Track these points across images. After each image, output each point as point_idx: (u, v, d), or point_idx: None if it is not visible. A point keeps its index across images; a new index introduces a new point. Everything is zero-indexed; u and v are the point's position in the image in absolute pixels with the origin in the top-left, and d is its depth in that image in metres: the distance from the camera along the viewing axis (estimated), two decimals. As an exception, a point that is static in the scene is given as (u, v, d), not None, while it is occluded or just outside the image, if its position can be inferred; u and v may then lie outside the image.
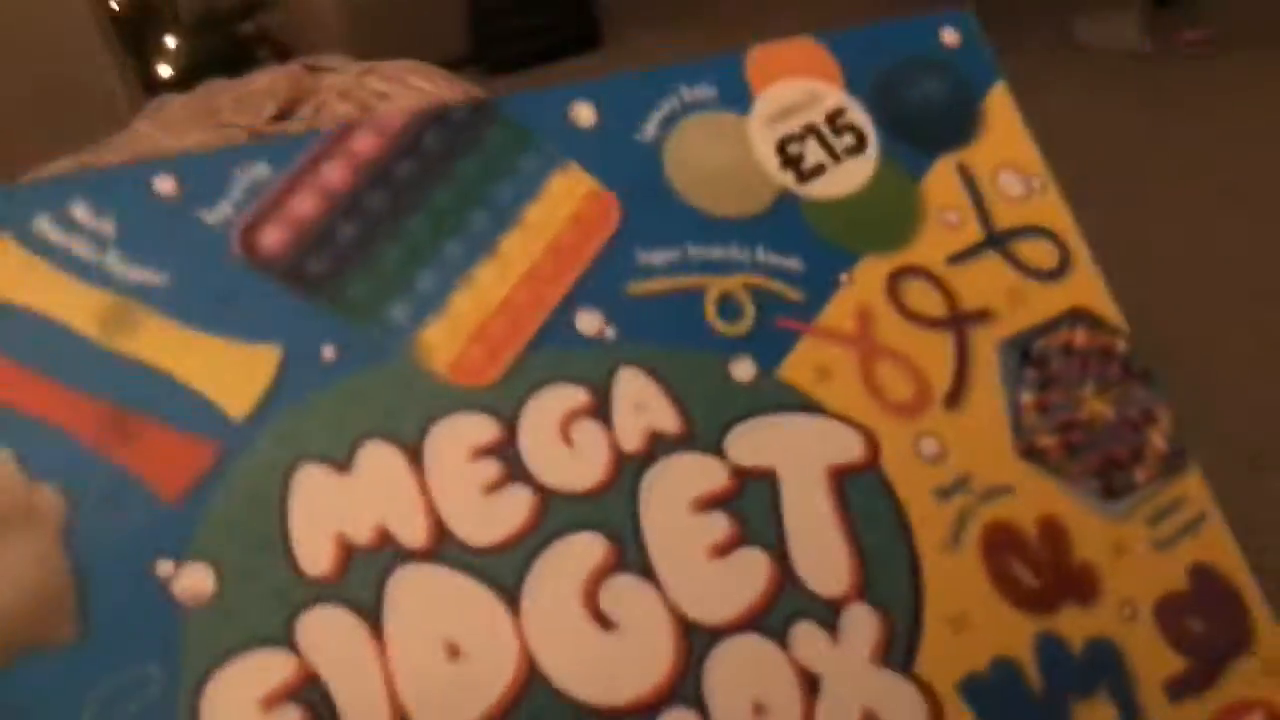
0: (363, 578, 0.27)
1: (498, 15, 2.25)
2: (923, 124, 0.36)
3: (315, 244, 0.30)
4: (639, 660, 0.28)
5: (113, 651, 0.25)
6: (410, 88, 0.47)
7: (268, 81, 0.46)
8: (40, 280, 0.28)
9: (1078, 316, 0.35)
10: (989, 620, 0.30)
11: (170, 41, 1.83)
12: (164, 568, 0.26)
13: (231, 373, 0.28)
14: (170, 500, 0.27)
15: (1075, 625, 0.31)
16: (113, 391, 0.27)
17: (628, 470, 0.30)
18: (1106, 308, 0.35)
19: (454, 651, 0.27)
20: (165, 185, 0.30)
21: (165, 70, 1.79)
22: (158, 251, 0.29)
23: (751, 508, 0.30)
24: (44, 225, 0.29)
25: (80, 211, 0.29)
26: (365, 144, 0.32)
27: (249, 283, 0.29)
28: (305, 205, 0.31)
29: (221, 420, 0.28)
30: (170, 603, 0.26)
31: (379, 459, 0.28)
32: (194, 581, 0.26)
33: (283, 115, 0.43)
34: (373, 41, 0.49)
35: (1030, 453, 0.33)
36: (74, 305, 0.28)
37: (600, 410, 0.30)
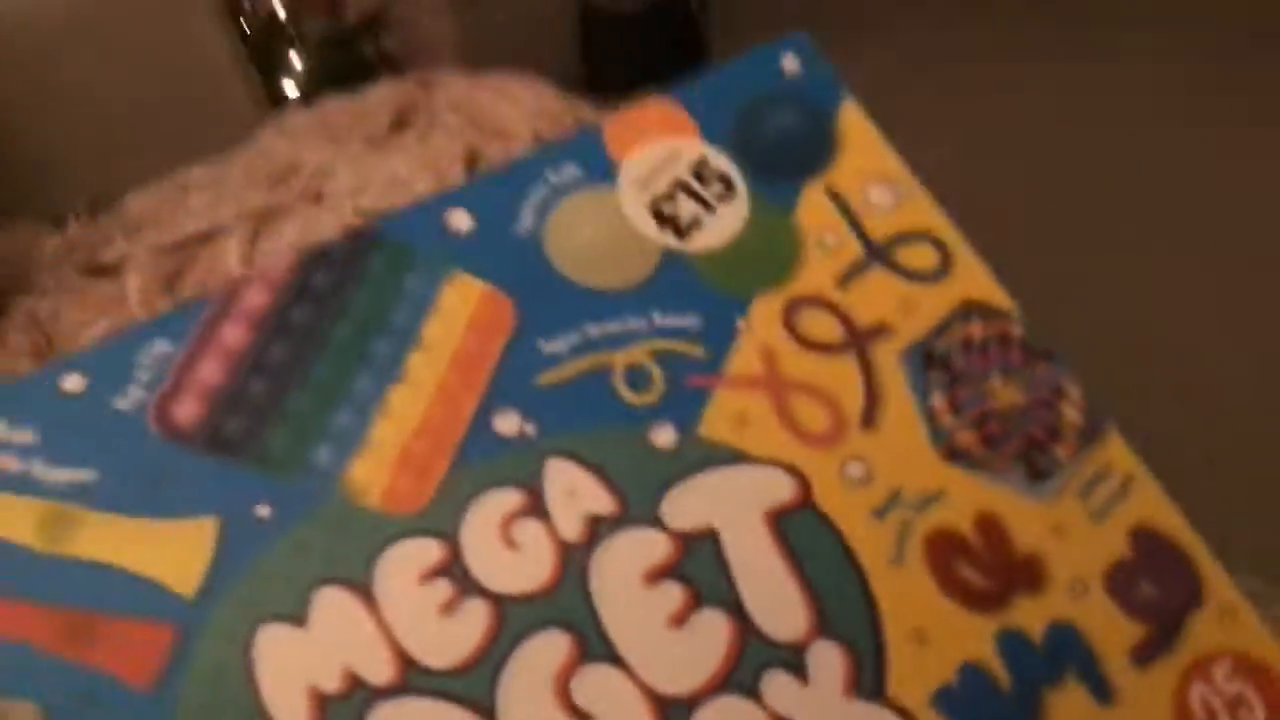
0: (339, 724, 0.29)
1: (610, 38, 2.29)
2: (782, 157, 0.39)
3: (228, 407, 0.32)
4: (621, 742, 0.30)
5: None
6: (518, 99, 0.51)
7: (382, 95, 0.51)
8: (-34, 508, 0.29)
9: (969, 310, 0.38)
10: (948, 629, 0.32)
11: (296, 61, 1.91)
12: (146, 762, 0.28)
13: (174, 553, 0.30)
14: (144, 689, 0.28)
15: (1031, 615, 0.33)
16: (65, 596, 0.29)
17: (574, 560, 0.32)
18: (995, 295, 0.38)
19: (441, 778, 0.29)
20: (72, 383, 0.31)
21: (291, 88, 1.85)
22: (80, 449, 0.31)
23: (700, 570, 0.32)
24: (-43, 452, 0.30)
25: (-5, 429, 0.30)
26: (257, 299, 0.34)
27: (173, 459, 0.31)
28: (211, 372, 0.32)
29: (175, 601, 0.29)
30: (158, 795, 0.27)
31: (333, 605, 0.30)
32: (177, 768, 0.28)
33: (398, 126, 0.48)
34: (486, 63, 0.54)
35: (952, 454, 0.35)
36: (10, 520, 0.29)
37: (536, 507, 0.32)
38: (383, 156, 0.47)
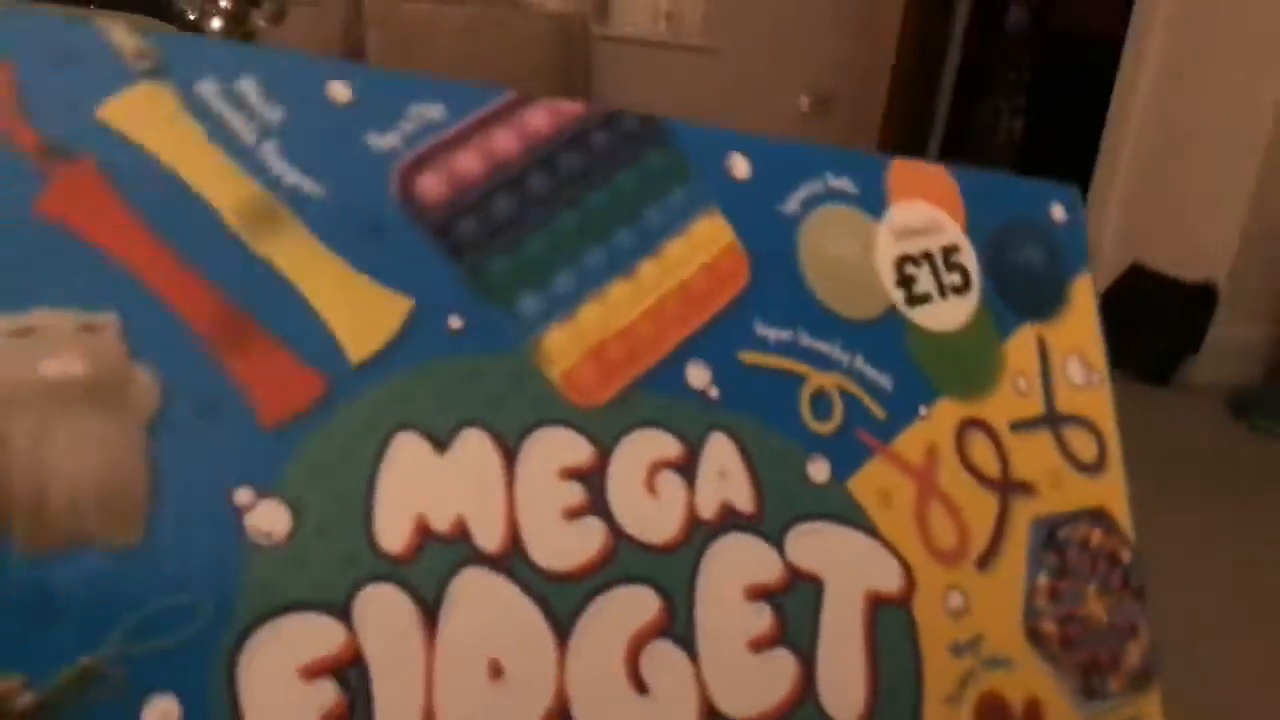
0: (432, 567, 0.27)
1: None
2: (1021, 286, 0.39)
3: (472, 207, 0.30)
4: (662, 729, 0.28)
5: (170, 570, 0.24)
6: None
7: None
8: (192, 146, 0.26)
9: (1099, 516, 0.38)
10: (964, 781, 0.32)
11: None
12: (243, 496, 0.25)
13: (361, 313, 0.27)
14: (267, 427, 0.26)
15: (1031, 806, 0.33)
16: (240, 291, 0.26)
17: (697, 536, 0.30)
18: (1124, 515, 0.38)
19: (497, 671, 0.27)
20: (340, 92, 0.29)
21: None
22: (317, 158, 0.28)
23: (795, 608, 0.31)
24: (208, 90, 0.27)
25: (249, 89, 0.27)
26: (538, 121, 0.31)
27: (399, 223, 0.29)
28: (470, 164, 0.30)
29: (340, 360, 0.27)
30: (241, 535, 0.25)
31: (476, 449, 0.28)
32: (270, 519, 0.25)
33: None
34: None
35: (1034, 635, 0.35)
36: (221, 185, 0.27)
37: (687, 467, 0.31)
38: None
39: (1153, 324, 2.07)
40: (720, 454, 0.31)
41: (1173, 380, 2.19)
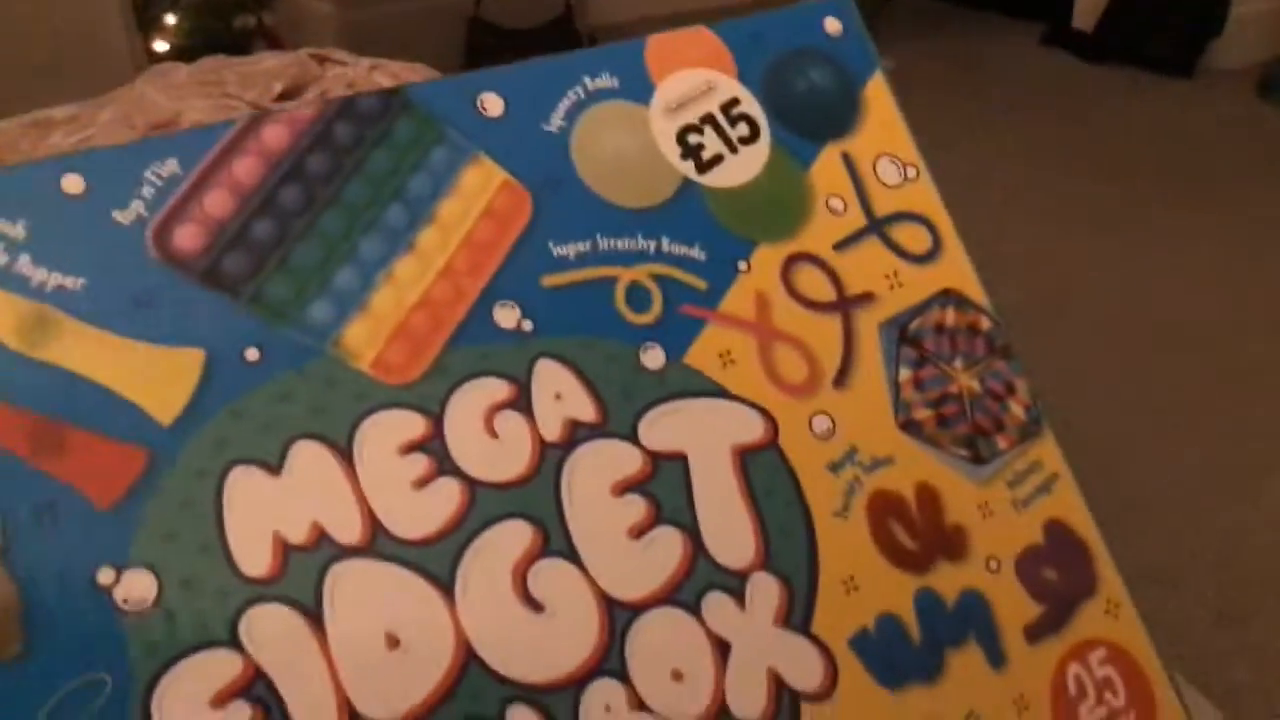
0: (302, 576, 0.28)
1: (493, 51, 2.29)
2: (809, 113, 0.39)
3: (231, 243, 0.30)
4: (567, 638, 0.30)
5: (61, 662, 0.26)
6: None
7: (275, 63, 0.47)
8: (-53, 288, 0.27)
9: (948, 297, 0.38)
10: (874, 581, 0.34)
11: (170, 19, 1.91)
12: (105, 576, 0.27)
13: (156, 378, 0.28)
14: (106, 508, 0.27)
15: (948, 581, 0.35)
16: (39, 402, 0.27)
17: (549, 459, 0.32)
18: (974, 289, 0.39)
19: (394, 642, 0.29)
20: (73, 184, 0.29)
21: (162, 46, 1.89)
22: (71, 254, 0.29)
23: (665, 489, 0.32)
24: (-55, 230, 0.28)
25: (-17, 215, 0.28)
26: (275, 137, 0.32)
27: (166, 284, 0.29)
28: (218, 202, 0.31)
29: (151, 426, 0.28)
30: (114, 610, 0.26)
31: (310, 459, 0.29)
32: (135, 588, 0.27)
33: (287, 96, 0.43)
34: (367, 53, 0.50)
35: (908, 426, 0.36)
36: (-13, 314, 0.28)
37: (521, 402, 0.32)
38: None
39: (1172, 8, 1.98)
40: (550, 379, 0.33)
41: (1197, 68, 2.12)
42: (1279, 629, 1.02)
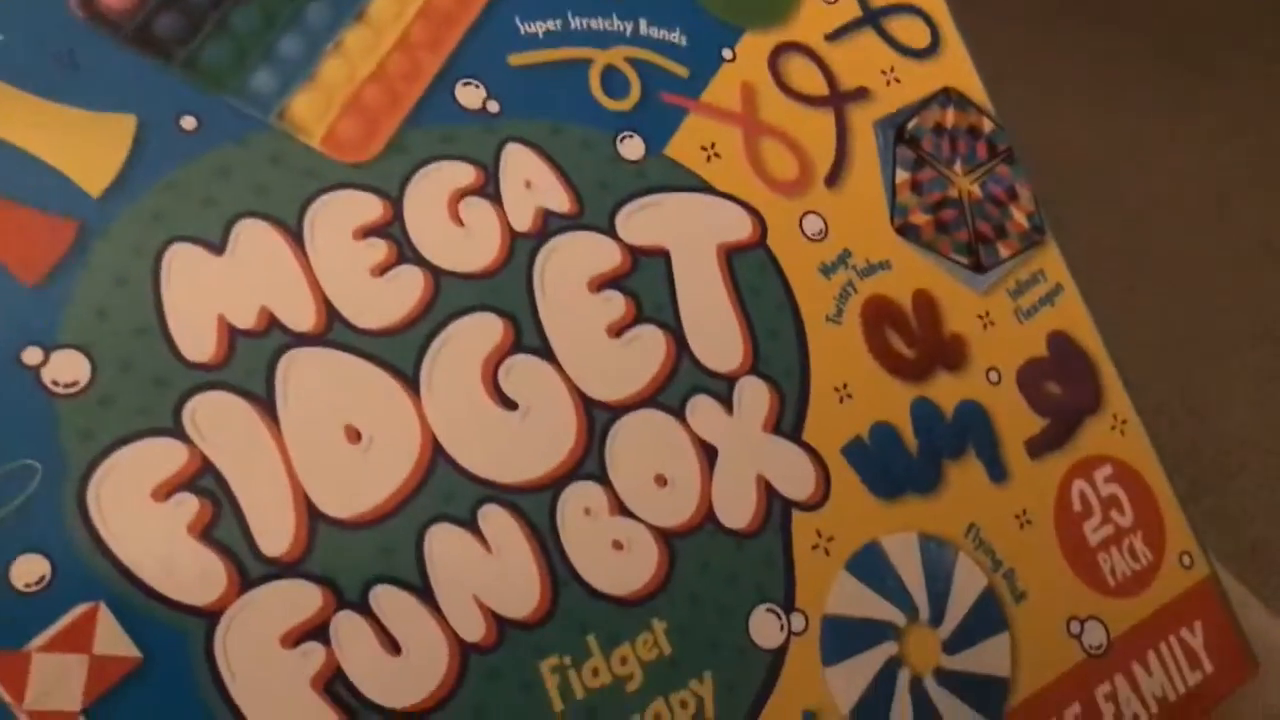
0: (250, 362, 0.26)
1: None
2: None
3: (162, 4, 0.28)
4: (543, 437, 0.28)
5: (-20, 446, 0.24)
6: None
7: None
8: None
9: (948, 96, 0.36)
10: (869, 389, 0.32)
11: None
12: (31, 355, 0.24)
13: (84, 145, 0.26)
14: (31, 284, 0.25)
15: (946, 391, 0.33)
16: (-50, 164, 0.25)
17: (520, 249, 0.29)
18: (974, 88, 0.37)
19: (355, 435, 0.27)
20: (-23, -71, 0.26)
21: None
22: (-19, 4, 0.26)
23: (646, 286, 0.31)
24: None
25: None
26: (207, -109, 0.29)
27: (92, 45, 0.27)
28: (145, -41, 0.28)
29: (80, 197, 0.26)
30: (43, 392, 0.24)
31: (256, 239, 0.27)
32: (65, 369, 0.25)
33: None
34: None
35: (905, 229, 0.34)
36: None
37: (488, 188, 0.30)
38: None
39: None
40: (519, 164, 0.30)
41: None
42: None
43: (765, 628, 0.29)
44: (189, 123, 0.27)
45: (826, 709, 0.29)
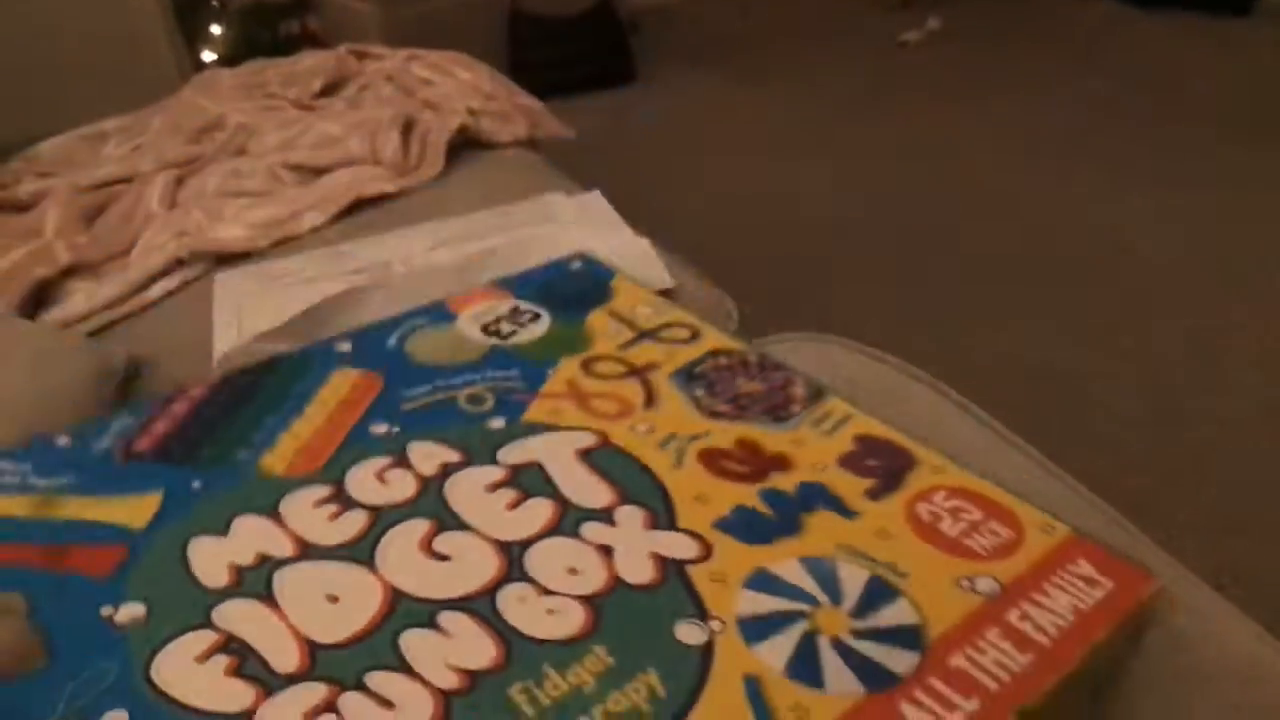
0: (254, 581, 0.38)
1: (534, 43, 2.37)
2: (573, 298, 0.56)
3: (175, 438, 0.45)
4: (473, 569, 0.39)
5: (77, 662, 0.35)
6: (452, 75, 0.56)
7: (314, 61, 0.54)
8: None
9: (717, 353, 0.53)
10: (720, 493, 0.43)
11: (216, 30, 1.96)
12: (106, 611, 0.37)
13: (128, 511, 0.41)
14: (102, 579, 0.38)
15: (784, 481, 0.44)
16: (48, 538, 0.40)
17: (431, 486, 0.43)
18: (734, 344, 0.54)
19: (334, 599, 0.38)
20: (62, 439, 0.45)
21: (209, 56, 1.89)
22: (63, 468, 0.43)
23: (528, 481, 0.44)
24: (-25, 474, 0.43)
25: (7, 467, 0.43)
26: (195, 393, 0.48)
27: (130, 471, 0.43)
28: (163, 426, 0.46)
29: (129, 532, 0.40)
30: (114, 628, 0.36)
31: (248, 523, 0.41)
32: (129, 613, 0.37)
33: (327, 91, 0.50)
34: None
35: (713, 415, 0.48)
36: (7, 506, 0.41)
37: (402, 463, 0.44)
38: (314, 118, 0.53)
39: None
40: (421, 449, 0.45)
41: (1254, 8, 2.03)
42: None
43: (689, 633, 0.37)
44: (197, 484, 0.43)
45: (764, 673, 0.36)
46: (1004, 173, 1.74)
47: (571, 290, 0.58)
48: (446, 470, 0.44)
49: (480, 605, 0.38)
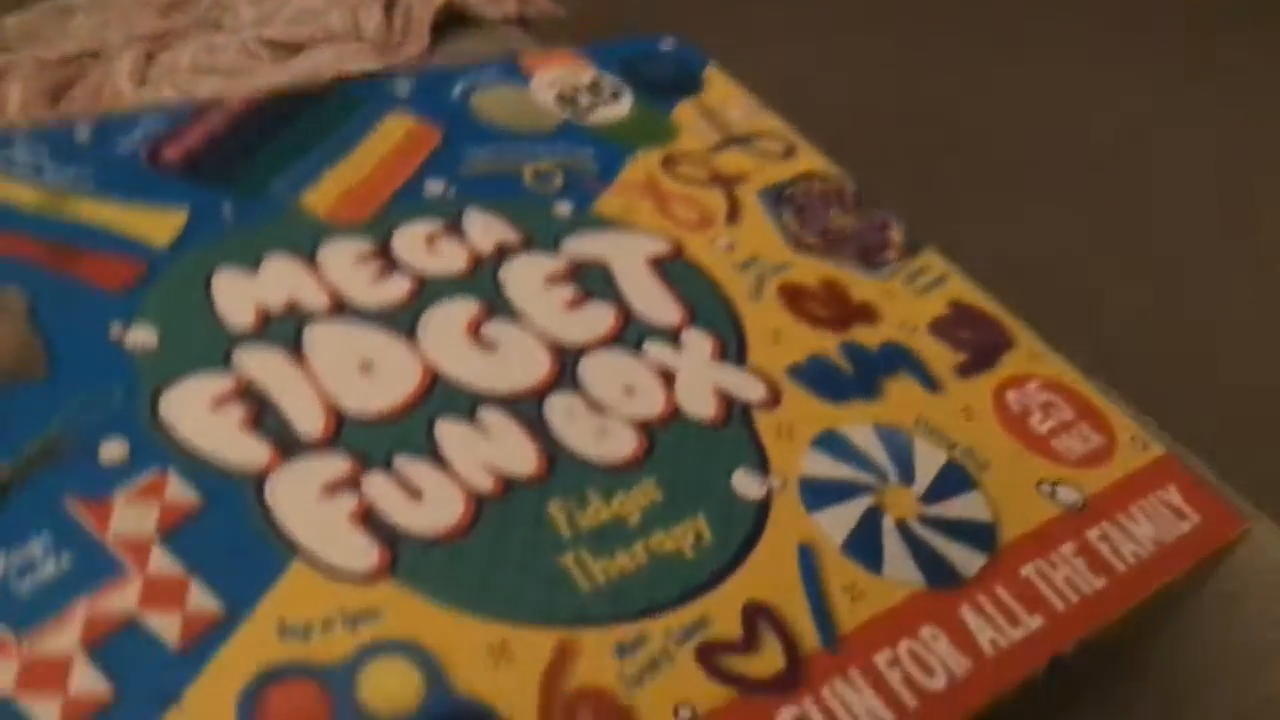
0: (281, 328, 0.35)
1: None
2: (660, 84, 0.51)
3: (206, 152, 0.40)
4: (521, 366, 0.36)
5: (79, 379, 0.31)
6: None
7: None
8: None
9: (811, 176, 0.48)
10: (798, 334, 0.40)
11: None
12: (115, 330, 0.33)
13: (149, 223, 0.37)
14: (115, 292, 0.34)
15: (868, 335, 0.40)
16: (58, 236, 0.35)
17: (486, 265, 0.39)
18: (831, 169, 0.49)
19: (367, 367, 0.34)
20: (81, 133, 0.40)
21: None
22: (81, 162, 0.38)
23: (591, 281, 0.39)
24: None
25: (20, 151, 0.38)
26: (233, 106, 0.43)
27: (155, 179, 0.39)
28: (196, 136, 0.41)
29: (149, 248, 0.36)
30: (122, 351, 0.33)
31: (282, 264, 0.37)
32: (141, 337, 0.33)
33: None
34: None
35: (800, 246, 0.44)
36: (15, 193, 0.37)
37: (456, 232, 0.40)
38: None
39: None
40: (477, 219, 0.41)
41: None
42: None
43: (747, 484, 0.34)
44: (228, 211, 0.38)
45: (820, 543, 0.33)
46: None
47: (659, 73, 0.52)
48: (503, 251, 0.40)
49: (526, 408, 0.34)
